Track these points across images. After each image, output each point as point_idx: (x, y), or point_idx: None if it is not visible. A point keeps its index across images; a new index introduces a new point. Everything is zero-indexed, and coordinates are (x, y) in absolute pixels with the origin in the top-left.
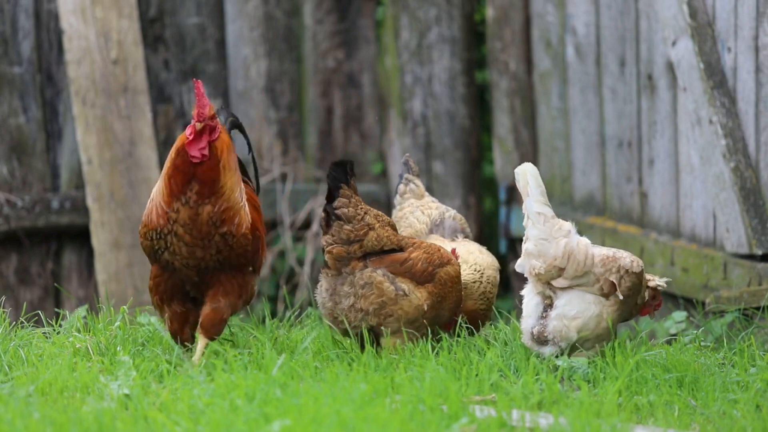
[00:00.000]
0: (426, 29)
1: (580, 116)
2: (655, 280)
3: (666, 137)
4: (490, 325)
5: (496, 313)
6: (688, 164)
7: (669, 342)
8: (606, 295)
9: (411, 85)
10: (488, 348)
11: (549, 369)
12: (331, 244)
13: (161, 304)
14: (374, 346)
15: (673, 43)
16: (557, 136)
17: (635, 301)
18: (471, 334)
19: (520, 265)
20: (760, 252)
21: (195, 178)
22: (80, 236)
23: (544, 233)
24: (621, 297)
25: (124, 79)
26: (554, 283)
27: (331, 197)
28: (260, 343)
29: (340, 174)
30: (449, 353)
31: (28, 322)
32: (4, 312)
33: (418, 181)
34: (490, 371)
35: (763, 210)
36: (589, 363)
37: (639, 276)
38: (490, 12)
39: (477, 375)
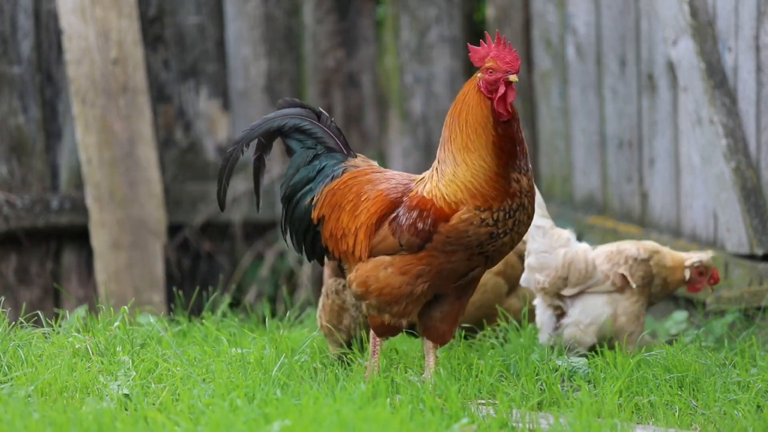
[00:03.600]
0: (426, 29)
1: (581, 116)
2: (692, 258)
3: (667, 137)
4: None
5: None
6: (689, 164)
7: (670, 342)
8: (620, 290)
9: (411, 85)
10: (491, 348)
11: (549, 369)
12: None
13: (420, 301)
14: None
15: (674, 43)
16: (557, 136)
17: (659, 283)
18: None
19: (525, 279)
20: (760, 252)
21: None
22: (80, 236)
23: (544, 246)
24: (635, 286)
25: (124, 79)
26: (563, 292)
27: None
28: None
29: None
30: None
31: (27, 322)
32: (3, 312)
33: None
34: (490, 372)
35: (763, 210)
36: (589, 363)
37: (649, 261)
38: (490, 11)
39: (477, 375)
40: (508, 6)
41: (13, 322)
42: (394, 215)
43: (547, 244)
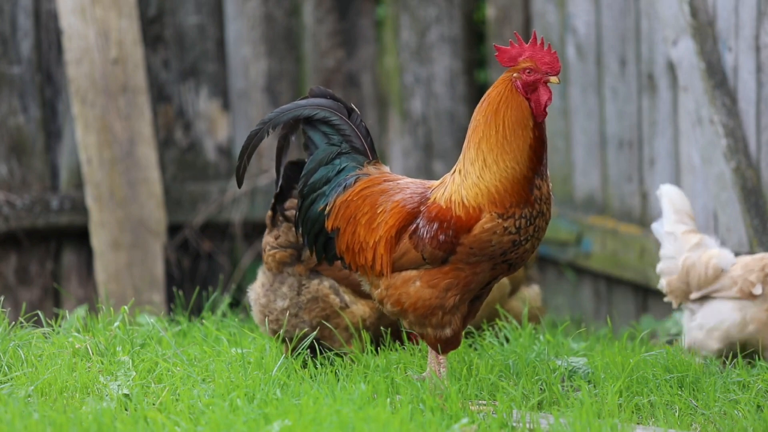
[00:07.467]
0: (426, 29)
1: (581, 116)
2: None
3: (667, 137)
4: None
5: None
6: (689, 164)
7: (670, 342)
8: (750, 297)
9: (411, 85)
10: (491, 348)
11: (549, 369)
12: (275, 248)
13: (455, 311)
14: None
15: (674, 43)
16: (558, 136)
17: None
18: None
19: (661, 285)
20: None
21: (544, 143)
22: (80, 236)
23: (672, 251)
24: (758, 292)
25: (124, 79)
26: (690, 296)
27: (282, 197)
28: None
29: (296, 174)
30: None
31: (27, 322)
32: (3, 312)
33: None
34: (490, 371)
35: (763, 210)
36: (589, 363)
37: None
38: (490, 11)
39: (477, 375)
40: (509, 6)
41: (13, 322)
42: (413, 227)
43: (675, 250)
